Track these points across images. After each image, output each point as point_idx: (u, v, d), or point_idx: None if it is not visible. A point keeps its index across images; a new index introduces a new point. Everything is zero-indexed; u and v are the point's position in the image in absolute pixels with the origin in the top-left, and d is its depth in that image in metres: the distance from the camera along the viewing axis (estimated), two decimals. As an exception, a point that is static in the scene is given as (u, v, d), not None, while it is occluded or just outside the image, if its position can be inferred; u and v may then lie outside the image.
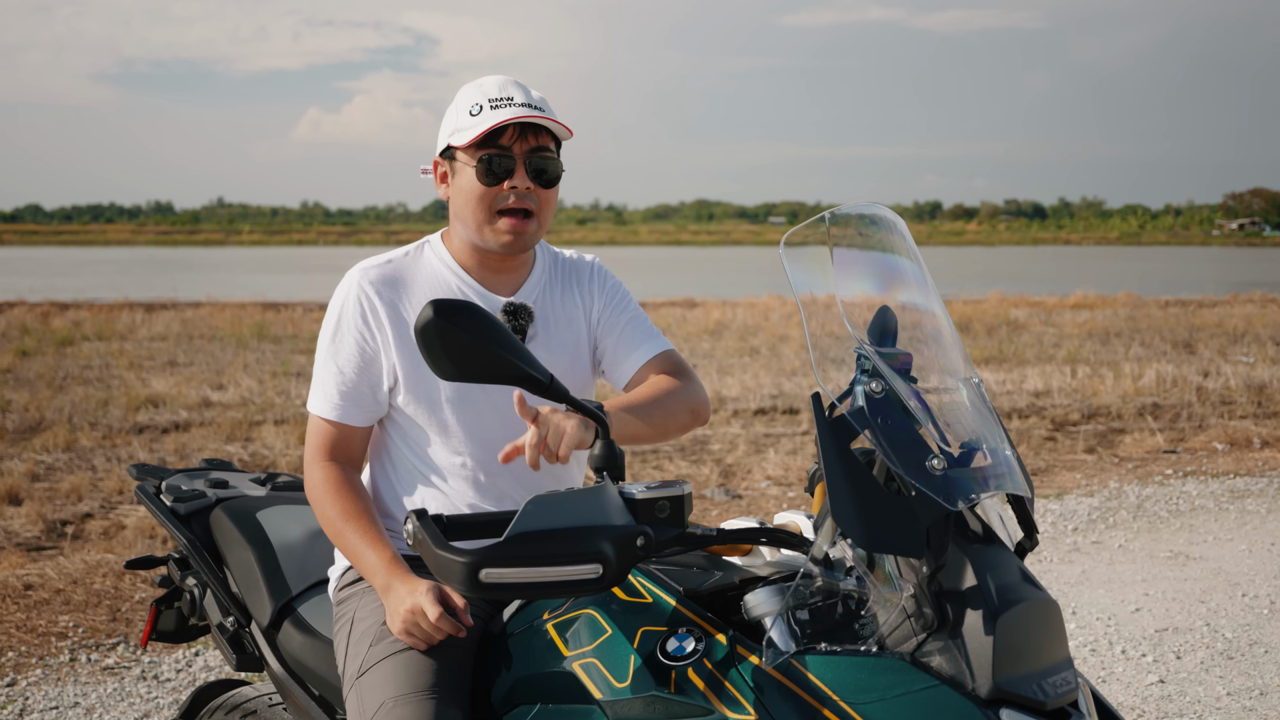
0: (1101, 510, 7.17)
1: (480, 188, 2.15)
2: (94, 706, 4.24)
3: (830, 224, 1.78)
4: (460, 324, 1.69)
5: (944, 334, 1.77)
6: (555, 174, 2.20)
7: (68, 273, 43.39)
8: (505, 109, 2.14)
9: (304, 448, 2.24)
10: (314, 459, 2.21)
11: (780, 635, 1.65)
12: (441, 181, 2.27)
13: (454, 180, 2.22)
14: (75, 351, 15.33)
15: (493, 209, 2.16)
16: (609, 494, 1.66)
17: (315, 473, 2.19)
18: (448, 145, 2.21)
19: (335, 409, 2.19)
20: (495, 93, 2.16)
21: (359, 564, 2.09)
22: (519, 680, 1.92)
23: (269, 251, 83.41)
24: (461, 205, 2.19)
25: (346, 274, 2.24)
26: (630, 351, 2.32)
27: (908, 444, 1.61)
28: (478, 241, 2.21)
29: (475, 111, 2.15)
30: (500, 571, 1.56)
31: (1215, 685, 4.44)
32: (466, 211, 2.18)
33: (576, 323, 2.32)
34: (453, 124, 2.19)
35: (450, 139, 2.19)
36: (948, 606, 1.58)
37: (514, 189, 2.15)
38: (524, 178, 2.16)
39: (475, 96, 2.18)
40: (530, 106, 2.15)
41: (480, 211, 2.16)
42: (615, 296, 2.37)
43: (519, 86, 2.19)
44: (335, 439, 2.20)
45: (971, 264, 55.84)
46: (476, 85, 2.21)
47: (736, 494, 7.58)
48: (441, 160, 2.25)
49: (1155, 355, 15.10)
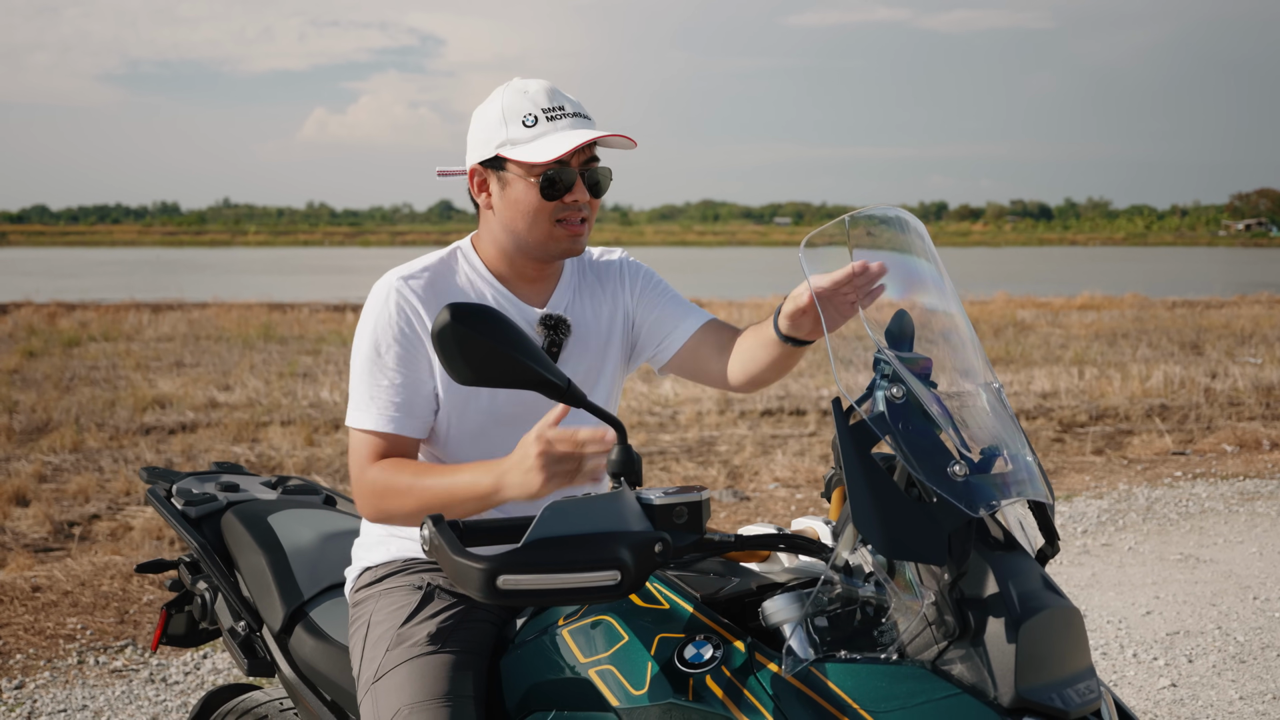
0: (1111, 512, 7.15)
1: (541, 202, 2.13)
2: (102, 709, 4.23)
3: (850, 226, 1.76)
4: (478, 328, 1.68)
5: (964, 338, 1.76)
6: (607, 184, 2.20)
7: (74, 273, 43.47)
8: (561, 119, 2.11)
9: (350, 468, 2.13)
10: (364, 467, 2.07)
11: (799, 643, 1.64)
12: (481, 190, 2.20)
13: (503, 191, 2.16)
14: (82, 352, 15.34)
15: (551, 219, 2.15)
16: (626, 500, 1.64)
17: (370, 472, 2.05)
18: (496, 155, 2.14)
19: (391, 421, 2.08)
20: (546, 102, 2.13)
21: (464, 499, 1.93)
22: (534, 687, 1.90)
23: (275, 252, 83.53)
24: (515, 217, 2.15)
25: (381, 282, 2.17)
26: (678, 323, 2.33)
27: (929, 450, 1.60)
28: (533, 251, 2.18)
29: (530, 123, 2.11)
30: (518, 578, 1.54)
31: (1227, 689, 4.42)
32: (522, 224, 2.15)
33: (607, 324, 2.31)
34: (501, 134, 2.12)
35: (502, 149, 2.12)
36: (969, 614, 1.56)
37: (574, 202, 2.15)
38: (583, 191, 2.15)
39: (524, 105, 2.12)
40: (581, 116, 2.15)
41: (541, 224, 2.15)
42: (650, 282, 2.37)
43: (561, 93, 2.16)
44: (387, 452, 2.08)
45: (977, 265, 55.79)
46: (520, 92, 2.14)
47: (744, 495, 7.56)
48: (482, 169, 2.18)
49: (1163, 356, 15.06)
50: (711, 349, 2.31)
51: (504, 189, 2.16)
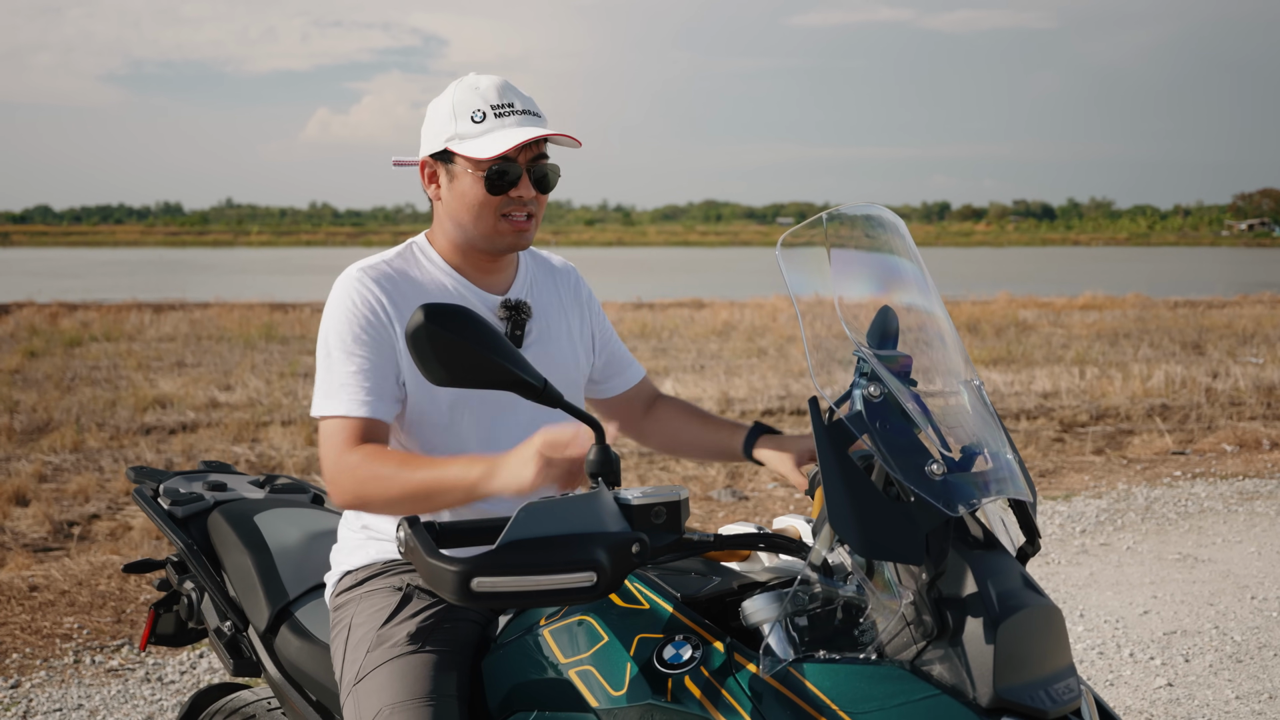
0: (1110, 512, 7.13)
1: (486, 196, 2.17)
2: (98, 708, 4.23)
3: (828, 225, 1.76)
4: (452, 328, 1.67)
5: (945, 336, 1.75)
6: (554, 180, 2.23)
7: (76, 273, 43.50)
8: (509, 116, 2.15)
9: (321, 458, 2.11)
10: (342, 452, 2.05)
11: (778, 642, 1.63)
12: (431, 182, 2.25)
13: (451, 184, 2.20)
14: (83, 352, 15.35)
15: (496, 213, 2.18)
16: (604, 500, 1.64)
17: (349, 458, 2.03)
18: (445, 149, 2.19)
19: (363, 405, 2.08)
20: (495, 99, 2.16)
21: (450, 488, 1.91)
22: (515, 687, 1.90)
23: (277, 252, 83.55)
24: (461, 210, 2.19)
25: (343, 275, 2.20)
26: (624, 369, 2.52)
27: (907, 448, 1.59)
28: (479, 244, 2.22)
29: (478, 119, 2.14)
30: (492, 580, 1.54)
31: (1224, 689, 4.41)
32: (468, 217, 2.19)
33: (571, 324, 2.37)
34: (450, 128, 2.16)
35: (450, 144, 2.17)
36: (948, 614, 1.56)
37: (519, 198, 2.18)
38: (529, 187, 2.18)
39: (474, 101, 2.16)
40: (531, 114, 2.18)
41: (486, 218, 2.18)
42: (599, 312, 2.49)
43: (515, 91, 2.20)
44: (363, 436, 2.07)
45: (980, 265, 55.73)
46: (471, 88, 2.18)
47: (743, 495, 7.56)
48: (432, 161, 2.23)
49: (1164, 356, 15.04)
50: (641, 404, 2.54)
51: (452, 182, 2.20)
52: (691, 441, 2.45)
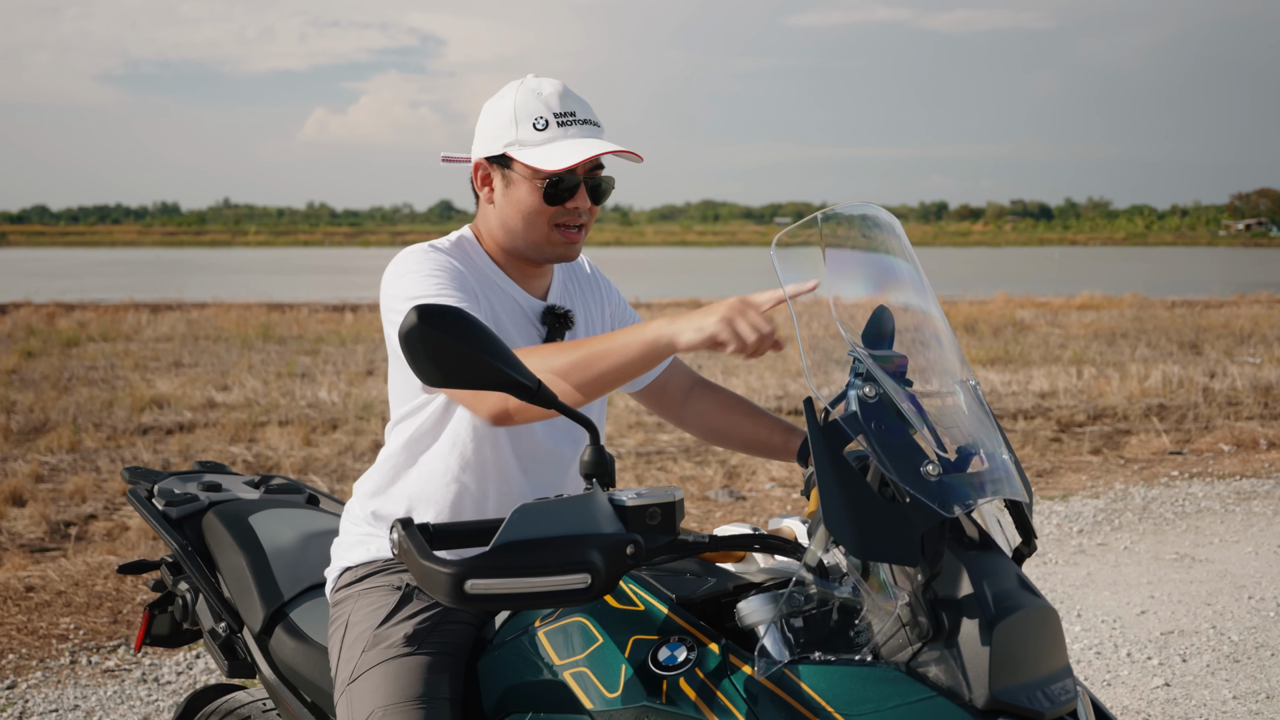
0: (1107, 512, 7.13)
1: (542, 205, 2.15)
2: (94, 709, 4.22)
3: (823, 224, 1.75)
4: (446, 330, 1.66)
5: (940, 335, 1.74)
6: (609, 192, 2.22)
7: (73, 273, 43.45)
8: (571, 126, 2.13)
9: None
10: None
11: (773, 644, 1.62)
12: (484, 184, 2.21)
13: (506, 189, 2.17)
14: (80, 352, 15.34)
15: (550, 223, 2.17)
16: (598, 501, 1.63)
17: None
18: (504, 154, 2.14)
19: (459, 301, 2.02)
20: (558, 106, 2.13)
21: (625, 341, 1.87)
22: (510, 689, 1.89)
23: (275, 252, 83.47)
24: (515, 216, 2.17)
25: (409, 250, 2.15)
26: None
27: (902, 449, 1.59)
28: (526, 251, 2.20)
29: (540, 126, 2.11)
30: (486, 583, 1.53)
31: (1221, 688, 4.41)
32: (521, 224, 2.17)
33: (599, 323, 2.36)
34: (511, 133, 2.13)
35: (510, 149, 2.13)
36: (943, 615, 1.55)
37: (575, 209, 2.16)
38: (585, 199, 2.17)
39: (536, 107, 2.12)
40: (591, 124, 2.16)
41: (539, 226, 2.16)
42: (627, 308, 2.45)
43: (575, 97, 2.17)
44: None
45: (977, 265, 55.76)
46: (533, 92, 2.14)
47: (740, 495, 7.56)
48: (488, 164, 2.19)
49: (1161, 356, 15.05)
50: (677, 389, 2.45)
51: (507, 187, 2.17)
52: (737, 435, 2.40)
